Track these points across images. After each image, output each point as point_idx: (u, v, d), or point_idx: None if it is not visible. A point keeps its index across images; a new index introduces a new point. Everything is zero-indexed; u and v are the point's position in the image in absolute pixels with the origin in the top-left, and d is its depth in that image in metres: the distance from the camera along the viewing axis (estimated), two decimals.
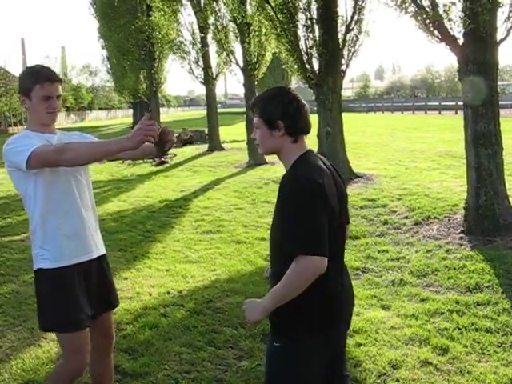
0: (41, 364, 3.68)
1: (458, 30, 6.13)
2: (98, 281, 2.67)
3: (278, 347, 2.05)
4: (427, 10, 6.16)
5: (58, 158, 2.30)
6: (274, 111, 2.04)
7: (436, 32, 6.19)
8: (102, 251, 2.74)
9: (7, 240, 7.23)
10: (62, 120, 56.13)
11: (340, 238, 2.12)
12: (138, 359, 3.68)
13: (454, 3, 6.02)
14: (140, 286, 5.19)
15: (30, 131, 2.54)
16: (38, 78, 2.48)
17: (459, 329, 3.95)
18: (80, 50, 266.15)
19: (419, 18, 6.23)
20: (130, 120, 48.70)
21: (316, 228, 1.90)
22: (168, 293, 5.00)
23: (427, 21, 6.17)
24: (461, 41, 6.16)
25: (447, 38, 6.16)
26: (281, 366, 2.06)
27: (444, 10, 6.06)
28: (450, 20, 6.08)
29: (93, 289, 2.63)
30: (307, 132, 2.11)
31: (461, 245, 6.00)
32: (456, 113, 34.35)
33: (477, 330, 3.93)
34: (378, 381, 3.33)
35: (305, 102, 2.11)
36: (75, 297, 2.53)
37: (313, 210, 1.91)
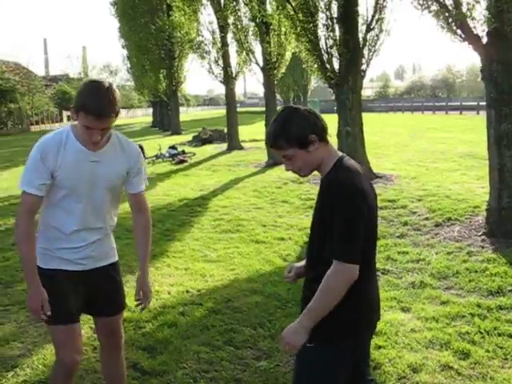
0: None
1: (481, 29, 6.03)
2: (101, 285, 2.66)
3: (310, 348, 2.05)
4: (450, 8, 6.07)
5: (15, 222, 2.53)
6: (300, 130, 2.01)
7: (459, 31, 6.10)
8: (112, 259, 2.72)
9: None
10: None
11: (376, 242, 2.13)
12: (157, 357, 3.70)
13: (478, 1, 5.93)
14: (159, 285, 5.22)
15: (72, 133, 2.47)
16: (85, 106, 2.29)
17: (481, 333, 3.88)
18: (101, 50, 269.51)
19: (441, 16, 6.14)
20: (150, 119, 49.05)
21: (354, 236, 1.91)
22: (187, 292, 5.02)
23: (450, 19, 6.09)
24: (484, 40, 6.05)
25: (470, 37, 6.06)
26: (311, 366, 2.07)
27: (467, 9, 5.97)
28: (473, 19, 5.98)
29: (90, 291, 2.62)
30: (327, 129, 2.11)
31: (482, 247, 5.91)
32: (478, 113, 33.87)
33: (499, 334, 3.85)
34: None
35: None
36: (63, 294, 2.54)
37: (354, 217, 1.92)
